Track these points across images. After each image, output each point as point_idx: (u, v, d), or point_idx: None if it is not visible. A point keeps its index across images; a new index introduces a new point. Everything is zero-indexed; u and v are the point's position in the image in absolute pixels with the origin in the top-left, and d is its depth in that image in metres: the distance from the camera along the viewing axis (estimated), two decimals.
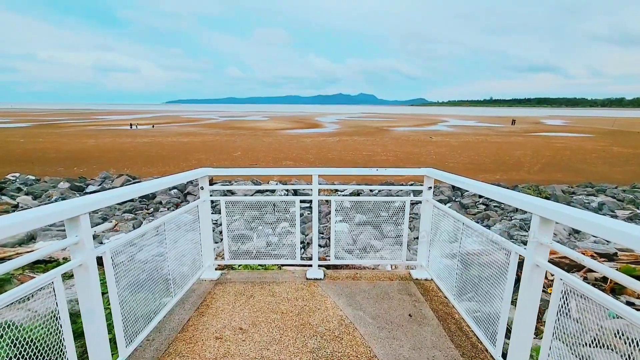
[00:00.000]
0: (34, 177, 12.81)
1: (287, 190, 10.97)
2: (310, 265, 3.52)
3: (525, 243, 6.56)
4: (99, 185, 11.86)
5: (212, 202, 3.29)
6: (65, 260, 4.36)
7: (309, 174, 3.15)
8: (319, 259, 3.68)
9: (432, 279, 3.28)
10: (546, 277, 3.08)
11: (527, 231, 6.99)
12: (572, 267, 3.90)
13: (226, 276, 3.44)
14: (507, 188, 11.40)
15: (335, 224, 3.37)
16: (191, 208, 2.93)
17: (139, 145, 26.29)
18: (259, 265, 3.71)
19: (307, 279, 3.35)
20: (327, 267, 3.62)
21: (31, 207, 9.65)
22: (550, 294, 1.70)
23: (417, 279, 3.34)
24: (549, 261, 1.72)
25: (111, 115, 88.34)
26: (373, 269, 3.91)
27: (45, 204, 9.98)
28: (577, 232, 6.90)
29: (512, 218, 8.33)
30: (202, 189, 3.16)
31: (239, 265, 3.78)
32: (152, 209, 9.18)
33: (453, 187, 11.75)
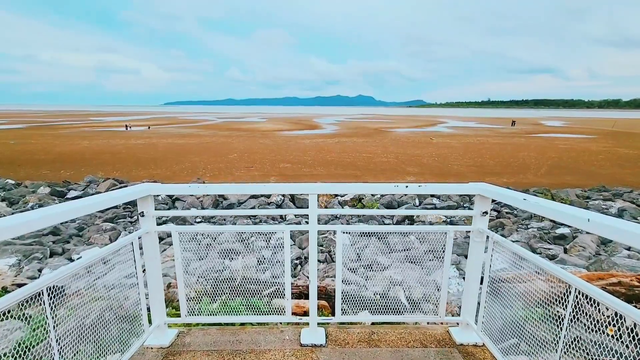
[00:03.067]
0: (13, 182, 12.03)
1: (271, 217, 10.19)
2: (307, 324, 2.47)
3: (551, 258, 5.81)
4: (83, 190, 11.09)
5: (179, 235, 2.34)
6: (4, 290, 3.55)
7: (304, 192, 2.24)
8: (319, 289, 2.90)
9: (483, 345, 2.32)
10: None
11: (550, 243, 6.28)
12: None
13: (183, 339, 2.43)
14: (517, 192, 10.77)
15: (341, 267, 2.41)
16: (122, 246, 1.93)
17: (133, 147, 25.52)
18: (231, 322, 2.69)
19: (301, 345, 2.35)
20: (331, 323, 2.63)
21: (4, 215, 8.89)
22: None
23: (462, 344, 2.35)
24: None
25: (108, 116, 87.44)
26: (398, 323, 2.87)
27: (20, 210, 9.22)
28: (606, 243, 6.20)
29: (529, 226, 7.62)
30: (143, 215, 2.12)
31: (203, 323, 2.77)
32: (135, 218, 8.42)
33: None
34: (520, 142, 31.56)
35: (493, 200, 2.13)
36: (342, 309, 2.48)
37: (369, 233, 2.60)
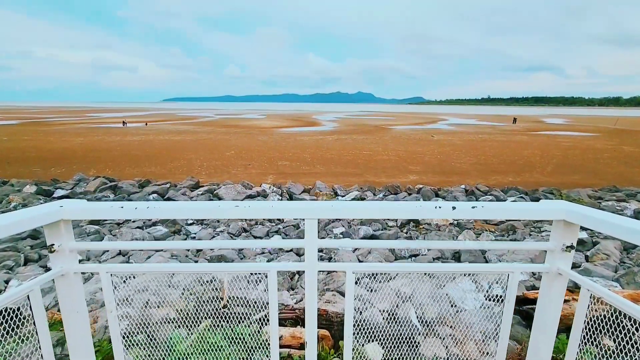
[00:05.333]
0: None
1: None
2: None
3: (572, 267, 5.34)
4: (71, 189, 10.58)
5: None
6: None
7: (298, 216, 1.51)
8: (318, 313, 2.39)
9: None
10: None
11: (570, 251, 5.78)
12: None
13: None
14: (526, 193, 10.07)
15: (352, 327, 1.66)
16: (8, 303, 1.28)
17: (128, 143, 24.98)
18: None
19: None
20: None
21: None
22: None
23: None
24: None
25: (105, 113, 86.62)
26: None
27: (2, 211, 8.71)
28: (628, 250, 5.71)
29: (543, 230, 7.14)
30: (54, 251, 1.44)
31: None
32: (123, 221, 7.91)
33: (466, 190, 10.58)
34: (523, 139, 31.08)
35: (582, 228, 1.52)
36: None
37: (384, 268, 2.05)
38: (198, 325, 2.87)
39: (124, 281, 1.90)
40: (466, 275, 1.55)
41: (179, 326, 3.00)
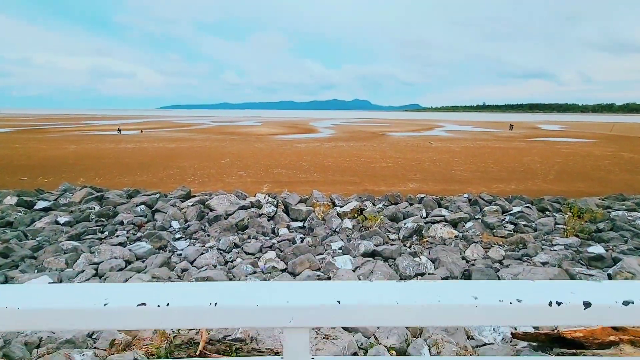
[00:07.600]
0: None
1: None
2: None
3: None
4: (55, 200, 10.04)
5: None
6: None
7: (274, 325, 0.80)
8: None
9: None
10: None
11: (587, 266, 5.34)
12: None
13: None
14: (532, 202, 9.63)
15: None
16: None
17: (121, 151, 24.46)
18: None
19: None
20: None
21: None
22: None
23: None
24: None
25: (101, 120, 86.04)
26: None
27: None
28: None
29: (555, 244, 6.70)
30: None
31: None
32: (107, 233, 7.39)
33: (470, 200, 10.16)
34: (521, 146, 30.89)
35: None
36: None
37: None
38: None
39: None
40: None
41: None
